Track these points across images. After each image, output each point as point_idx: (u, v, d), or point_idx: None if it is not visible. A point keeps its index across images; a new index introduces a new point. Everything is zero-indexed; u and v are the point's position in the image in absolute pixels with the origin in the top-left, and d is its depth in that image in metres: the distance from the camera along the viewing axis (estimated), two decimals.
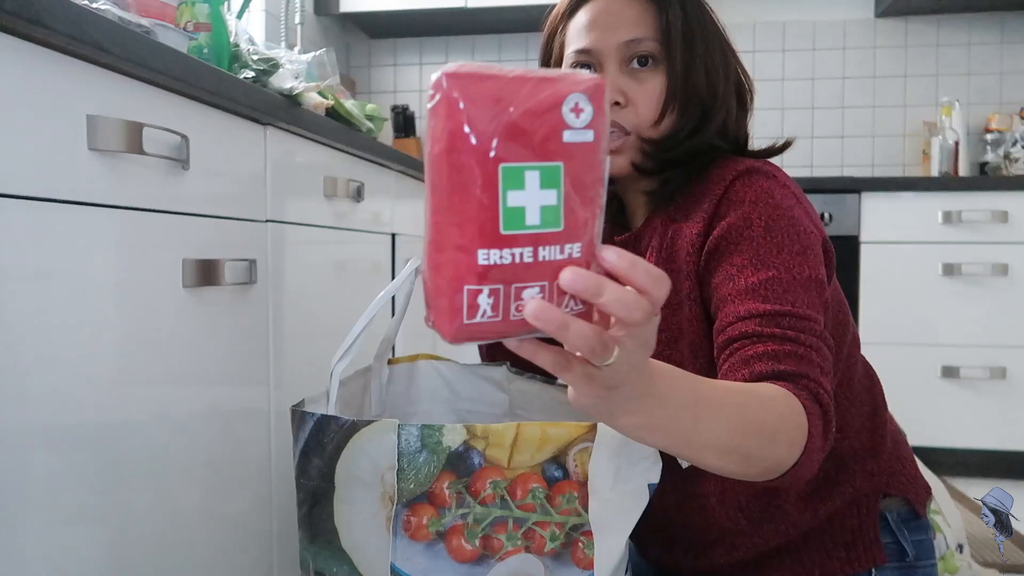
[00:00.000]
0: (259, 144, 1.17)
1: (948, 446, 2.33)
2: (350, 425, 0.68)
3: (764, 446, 0.61)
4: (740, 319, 0.71)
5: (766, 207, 0.75)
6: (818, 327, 0.70)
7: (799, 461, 0.64)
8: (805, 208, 0.78)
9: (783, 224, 0.74)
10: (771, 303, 0.70)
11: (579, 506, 0.66)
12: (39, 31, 0.71)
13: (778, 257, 0.72)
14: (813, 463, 0.65)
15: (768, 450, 0.62)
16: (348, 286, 1.51)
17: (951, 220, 2.31)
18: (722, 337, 0.72)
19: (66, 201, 0.77)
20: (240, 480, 1.09)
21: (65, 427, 0.77)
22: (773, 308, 0.70)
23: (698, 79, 0.83)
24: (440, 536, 0.65)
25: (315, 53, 1.62)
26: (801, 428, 0.64)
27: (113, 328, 0.84)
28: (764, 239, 0.73)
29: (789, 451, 0.63)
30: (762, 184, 0.77)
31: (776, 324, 0.69)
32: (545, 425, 0.66)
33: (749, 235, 0.73)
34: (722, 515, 0.83)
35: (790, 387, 0.65)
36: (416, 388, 1.03)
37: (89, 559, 0.80)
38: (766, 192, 0.76)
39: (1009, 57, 2.85)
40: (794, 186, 0.80)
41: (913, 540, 0.81)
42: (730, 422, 0.59)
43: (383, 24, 3.00)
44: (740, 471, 0.64)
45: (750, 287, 0.71)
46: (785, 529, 0.81)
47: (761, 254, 0.73)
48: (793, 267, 0.72)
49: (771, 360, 0.67)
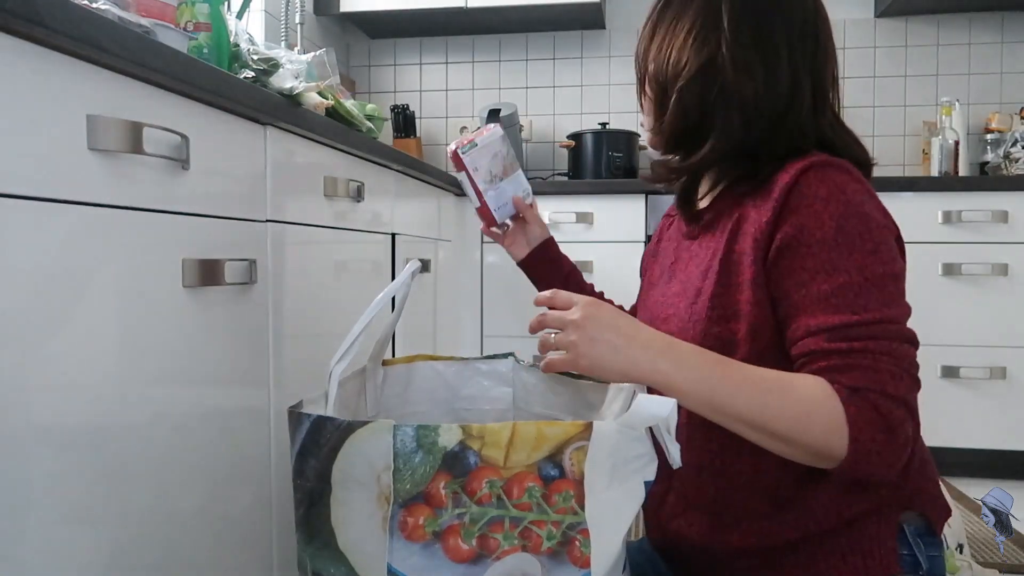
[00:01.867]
0: (259, 144, 1.17)
1: (948, 446, 2.33)
2: (346, 426, 0.68)
3: (793, 428, 0.70)
4: (810, 334, 0.75)
5: (837, 204, 0.75)
6: (894, 326, 0.73)
7: (854, 457, 0.70)
8: (877, 202, 0.79)
9: (855, 222, 0.75)
10: (841, 313, 0.73)
11: (575, 505, 0.66)
12: (39, 31, 0.71)
13: (850, 259, 0.74)
14: (873, 459, 0.70)
15: (799, 433, 0.70)
16: (348, 286, 1.51)
17: (951, 220, 2.31)
18: (794, 351, 0.77)
19: (66, 201, 0.77)
20: (240, 480, 1.09)
21: (65, 427, 0.77)
22: (842, 320, 0.73)
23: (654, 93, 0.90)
24: (437, 536, 0.66)
25: (315, 53, 1.62)
26: (837, 419, 0.69)
27: (113, 328, 0.84)
28: (836, 241, 0.74)
29: (827, 441, 0.70)
30: (835, 177, 0.77)
31: (844, 337, 0.72)
32: (541, 424, 0.66)
33: (821, 236, 0.75)
34: (748, 496, 0.83)
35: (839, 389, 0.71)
36: (413, 389, 1.03)
37: (89, 559, 0.81)
38: (838, 187, 0.76)
39: (1009, 57, 2.85)
40: (865, 180, 0.80)
41: (928, 555, 0.81)
42: (751, 399, 0.71)
43: (383, 24, 3.00)
44: (778, 449, 0.73)
45: (821, 295, 0.74)
46: (805, 523, 0.81)
47: (833, 257, 0.74)
48: (865, 267, 0.74)
49: (832, 373, 0.72)
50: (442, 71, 3.17)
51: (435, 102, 3.18)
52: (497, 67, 3.14)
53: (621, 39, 3.06)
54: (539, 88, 3.13)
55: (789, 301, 0.77)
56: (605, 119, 2.99)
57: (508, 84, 3.14)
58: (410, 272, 0.83)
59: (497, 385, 1.02)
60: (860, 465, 0.71)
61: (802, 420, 0.70)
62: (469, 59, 3.15)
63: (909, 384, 0.72)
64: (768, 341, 0.79)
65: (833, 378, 0.71)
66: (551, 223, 2.45)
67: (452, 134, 3.16)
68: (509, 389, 1.02)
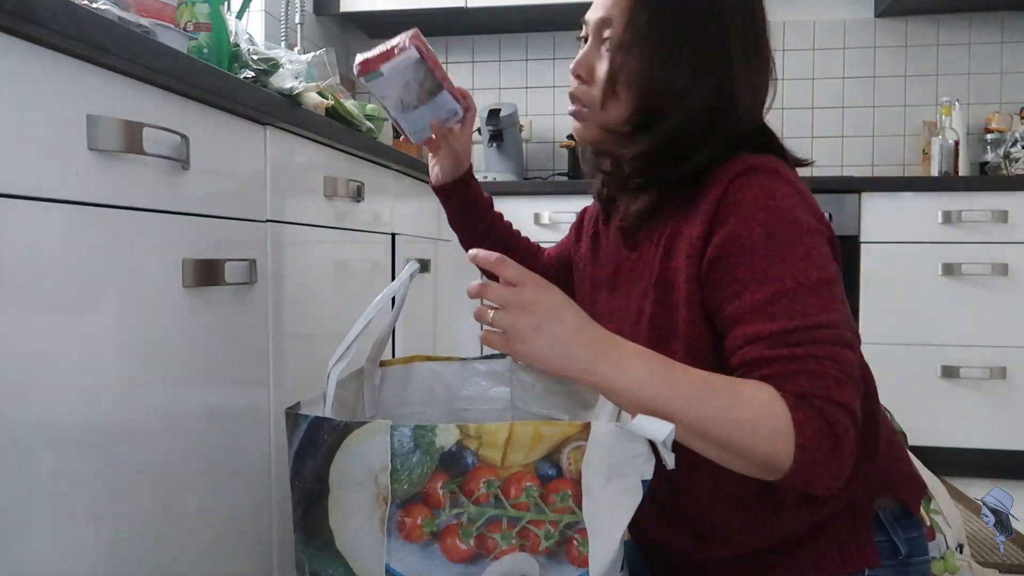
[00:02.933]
0: (259, 144, 1.17)
1: (948, 446, 2.33)
2: (343, 427, 0.68)
3: (737, 434, 0.67)
4: (748, 342, 0.71)
5: (766, 212, 0.73)
6: (833, 331, 0.70)
7: (799, 465, 0.67)
8: (808, 204, 0.77)
9: (785, 227, 0.73)
10: (778, 320, 0.70)
11: (573, 504, 0.67)
12: (39, 31, 0.72)
13: (781, 266, 0.72)
14: (818, 470, 0.67)
15: (745, 442, 0.67)
16: (348, 286, 1.51)
17: (951, 220, 2.31)
18: (733, 361, 0.73)
19: (66, 201, 0.78)
20: (240, 480, 1.10)
21: (65, 427, 0.77)
22: (780, 326, 0.70)
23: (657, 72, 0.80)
24: (434, 536, 0.66)
25: (315, 53, 1.62)
26: (784, 425, 0.67)
27: (113, 328, 0.84)
28: (766, 249, 0.72)
29: (773, 448, 0.67)
30: (763, 182, 0.75)
31: (784, 343, 0.70)
32: (538, 424, 0.66)
33: (751, 245, 0.73)
34: (715, 512, 0.83)
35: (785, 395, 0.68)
36: (411, 390, 1.03)
37: (89, 559, 0.81)
38: (767, 192, 0.74)
39: (1009, 57, 2.85)
40: (798, 181, 0.78)
41: (906, 537, 0.81)
42: (693, 405, 0.67)
43: (383, 24, 3.00)
44: (729, 460, 0.69)
45: (756, 305, 0.71)
46: (780, 532, 0.81)
47: (763, 266, 0.72)
48: (799, 273, 0.71)
49: (776, 380, 0.69)
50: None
51: None
52: (497, 67, 3.14)
53: None
54: (539, 88, 3.13)
55: (723, 313, 0.74)
56: None
57: (508, 84, 3.14)
58: (409, 273, 0.83)
59: (495, 385, 1.03)
60: (805, 475, 0.67)
61: (747, 426, 0.67)
62: (469, 59, 3.15)
63: (852, 391, 0.69)
64: (706, 360, 0.75)
65: (778, 385, 0.68)
66: (551, 223, 2.45)
67: None
68: (507, 389, 1.02)
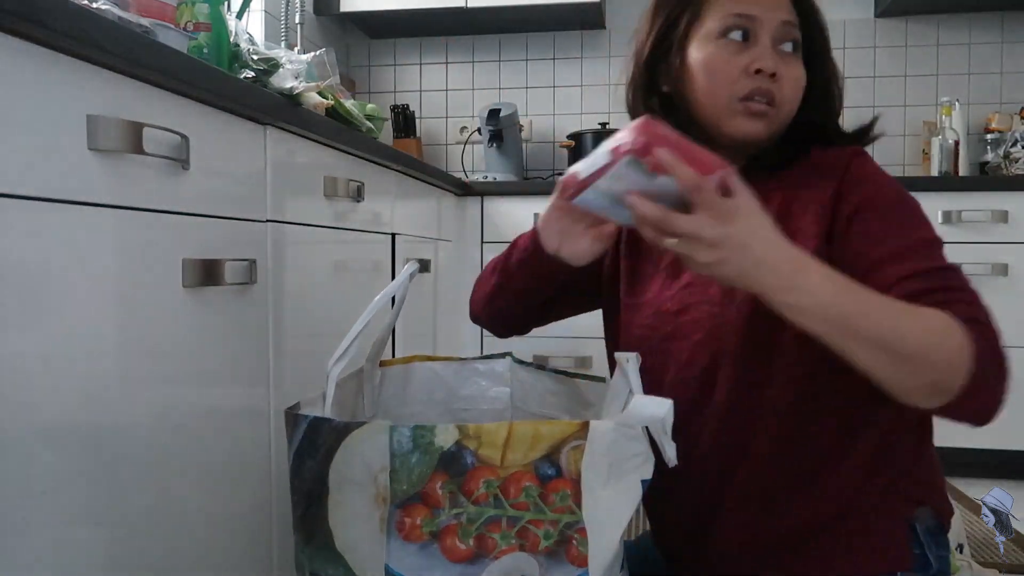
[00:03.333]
0: (259, 144, 1.17)
1: (948, 446, 2.32)
2: (343, 427, 0.68)
3: (926, 345, 0.67)
4: (903, 278, 0.75)
5: (889, 184, 0.83)
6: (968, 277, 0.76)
7: (968, 389, 0.67)
8: None
9: (906, 196, 0.82)
10: (926, 261, 0.76)
11: (572, 504, 0.67)
12: (39, 31, 0.72)
13: (912, 223, 0.79)
14: (984, 398, 0.69)
15: (932, 350, 0.67)
16: (348, 286, 1.51)
17: (951, 220, 2.31)
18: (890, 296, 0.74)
19: (66, 201, 0.78)
20: (240, 480, 1.10)
21: (65, 427, 0.77)
22: (932, 264, 0.76)
23: (830, 76, 0.91)
24: (434, 536, 0.66)
25: (315, 53, 1.62)
26: (962, 350, 0.68)
27: (113, 328, 0.84)
28: (900, 209, 0.80)
29: (949, 368, 0.67)
30: (875, 165, 0.85)
31: (940, 278, 0.74)
32: (538, 424, 0.66)
33: (887, 204, 0.80)
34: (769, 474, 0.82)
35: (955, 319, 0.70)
36: (411, 390, 1.03)
37: (89, 559, 0.81)
38: (880, 171, 0.85)
39: (1009, 57, 2.85)
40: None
41: (938, 555, 0.81)
42: (885, 317, 0.68)
43: (383, 24, 3.00)
44: (893, 374, 0.69)
45: (902, 249, 0.77)
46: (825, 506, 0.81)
47: (902, 220, 0.79)
48: (927, 232, 0.79)
49: (944, 308, 0.71)
50: (442, 71, 3.17)
51: (435, 102, 3.18)
52: (497, 67, 3.14)
53: (621, 39, 3.05)
54: (539, 88, 3.13)
55: (868, 259, 0.77)
56: (605, 119, 2.99)
57: (508, 84, 3.14)
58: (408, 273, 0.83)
59: (495, 385, 1.03)
60: (974, 398, 0.68)
61: (934, 337, 0.68)
62: (469, 59, 3.15)
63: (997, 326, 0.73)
64: None
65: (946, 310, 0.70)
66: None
67: (452, 134, 3.17)
68: (507, 389, 1.03)
